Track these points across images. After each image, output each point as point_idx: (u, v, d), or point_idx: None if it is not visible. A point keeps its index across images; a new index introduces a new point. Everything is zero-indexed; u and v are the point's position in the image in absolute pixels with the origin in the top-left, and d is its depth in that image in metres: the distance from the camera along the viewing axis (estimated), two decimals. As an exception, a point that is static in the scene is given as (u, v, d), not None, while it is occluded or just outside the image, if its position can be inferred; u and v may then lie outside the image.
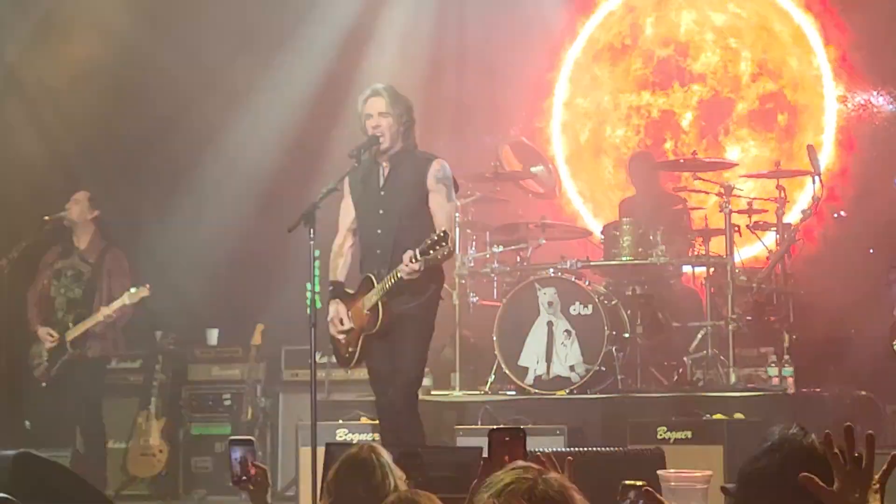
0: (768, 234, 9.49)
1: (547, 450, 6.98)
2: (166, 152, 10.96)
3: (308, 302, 6.94)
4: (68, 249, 9.33)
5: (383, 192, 7.02)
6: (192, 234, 10.91)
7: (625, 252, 9.17)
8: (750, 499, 2.83)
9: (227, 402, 10.25)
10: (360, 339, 6.94)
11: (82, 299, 9.17)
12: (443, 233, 6.49)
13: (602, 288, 9.18)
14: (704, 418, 7.89)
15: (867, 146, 10.44)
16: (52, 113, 10.69)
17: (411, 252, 6.56)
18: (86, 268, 9.23)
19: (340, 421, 8.50)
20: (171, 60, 10.77)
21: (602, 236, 9.50)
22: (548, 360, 8.79)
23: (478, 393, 9.14)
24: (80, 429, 9.34)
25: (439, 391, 9.27)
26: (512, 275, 9.53)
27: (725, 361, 8.85)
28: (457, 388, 9.26)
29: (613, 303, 8.99)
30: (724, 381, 8.78)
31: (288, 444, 9.44)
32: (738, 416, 7.92)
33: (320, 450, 6.22)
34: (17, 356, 9.60)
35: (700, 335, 9.12)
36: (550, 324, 8.84)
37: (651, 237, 9.11)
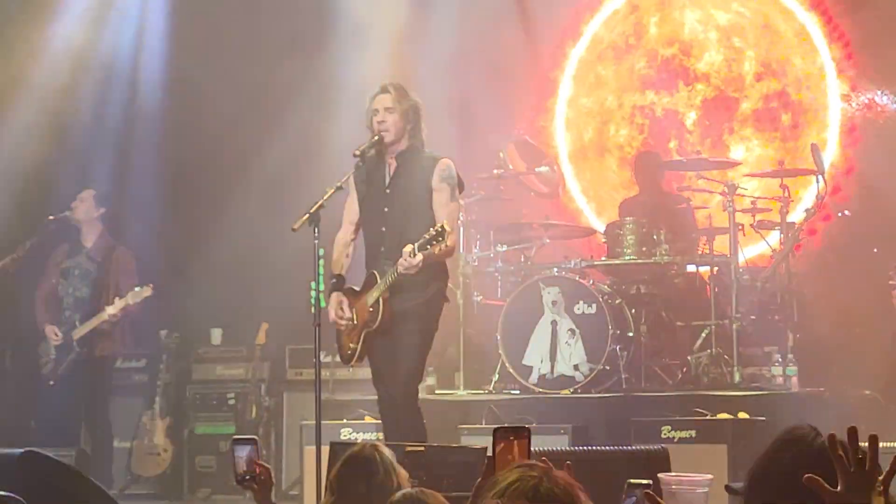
0: (772, 234, 9.48)
1: (551, 449, 7.01)
2: (172, 152, 10.96)
3: (312, 301, 6.95)
4: (76, 248, 9.34)
5: (389, 190, 7.03)
6: (196, 232, 10.91)
7: (629, 251, 9.16)
8: (759, 498, 2.83)
9: (231, 402, 10.25)
10: (362, 336, 6.94)
11: (89, 298, 9.18)
12: (440, 227, 6.51)
13: (606, 287, 9.18)
14: (708, 417, 7.89)
15: (871, 145, 10.43)
16: (58, 111, 10.69)
17: (410, 247, 6.58)
18: (92, 266, 9.24)
19: (345, 420, 8.51)
20: (181, 59, 10.78)
21: (605, 235, 9.50)
22: (552, 360, 8.80)
23: (482, 392, 9.15)
24: (88, 427, 9.35)
25: (443, 390, 9.28)
26: (516, 274, 9.53)
27: (729, 360, 8.84)
28: (461, 388, 9.27)
29: (617, 302, 8.99)
30: (729, 380, 8.78)
31: (292, 443, 9.44)
32: (743, 416, 7.92)
33: (324, 449, 6.24)
34: (24, 355, 9.61)
35: (704, 334, 9.11)
36: (554, 323, 8.84)
37: (655, 236, 9.11)
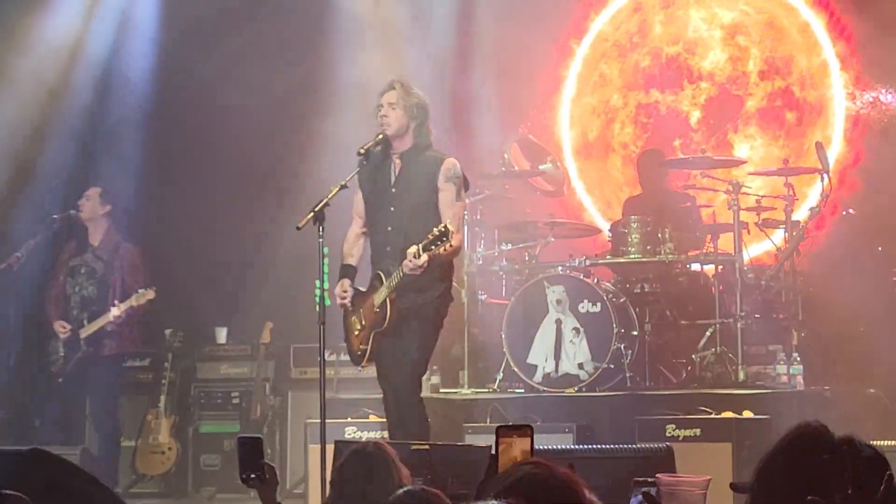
0: (777, 232, 9.48)
1: (556, 447, 7.01)
2: (176, 151, 10.96)
3: (317, 300, 6.96)
4: (83, 246, 9.35)
5: (394, 190, 7.04)
6: (201, 231, 10.92)
7: (633, 250, 9.16)
8: (766, 496, 2.83)
9: (235, 400, 10.26)
10: (371, 337, 6.96)
11: (96, 297, 9.18)
12: (444, 227, 6.52)
13: (610, 286, 9.17)
14: (713, 416, 7.89)
15: (876, 143, 10.42)
16: (64, 109, 10.70)
17: (415, 247, 6.59)
18: (98, 265, 9.24)
19: (349, 419, 8.51)
20: (190, 58, 10.79)
21: (610, 234, 9.49)
22: (556, 358, 8.79)
23: (486, 391, 9.15)
24: (96, 426, 9.36)
25: (448, 389, 9.27)
26: (520, 273, 9.53)
27: (734, 359, 8.84)
28: (465, 386, 9.27)
29: (622, 300, 8.99)
30: (733, 378, 8.77)
31: (296, 442, 9.45)
32: (747, 414, 7.92)
33: (329, 447, 6.24)
34: (29, 353, 9.62)
35: (709, 333, 9.11)
36: (559, 321, 8.84)
37: (659, 235, 9.11)
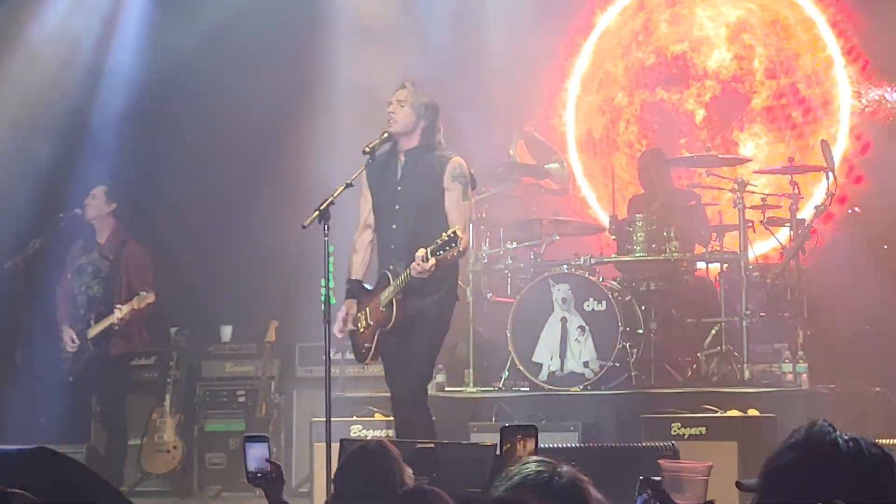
0: (782, 230, 9.46)
1: (561, 446, 7.01)
2: (180, 150, 10.97)
3: (322, 298, 6.96)
4: (90, 245, 9.37)
5: (400, 188, 7.04)
6: (206, 230, 10.93)
7: (638, 248, 9.16)
8: (773, 494, 2.82)
9: (241, 399, 10.27)
10: (376, 336, 6.96)
11: (102, 297, 9.20)
12: (453, 233, 6.51)
13: (616, 284, 9.16)
14: (718, 414, 7.88)
15: (882, 141, 10.41)
16: (69, 108, 10.71)
17: (423, 251, 6.58)
18: (104, 264, 9.25)
19: (354, 417, 8.52)
20: (190, 57, 10.80)
21: (615, 233, 9.48)
22: (562, 357, 8.79)
23: (491, 389, 9.14)
24: (104, 425, 9.37)
25: (453, 387, 9.27)
26: (525, 271, 9.52)
27: (739, 357, 8.83)
28: (470, 385, 9.27)
29: (627, 299, 8.98)
30: (738, 377, 8.77)
31: (302, 441, 9.45)
32: (753, 413, 7.91)
33: (335, 446, 6.25)
34: (34, 351, 9.63)
35: (714, 331, 9.10)
36: (564, 320, 8.83)
37: (664, 233, 9.10)
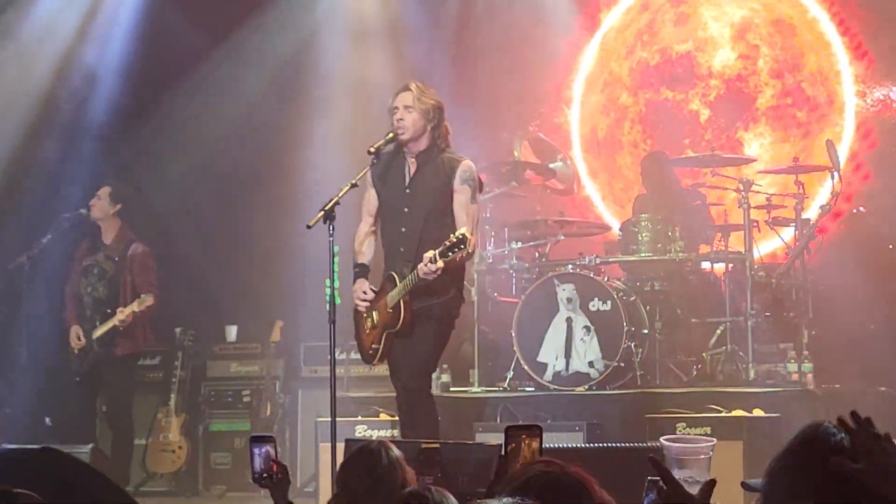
0: (787, 230, 9.46)
1: (566, 446, 7.01)
2: (184, 149, 10.97)
3: (327, 298, 6.96)
4: (96, 245, 9.37)
5: (409, 190, 7.02)
6: (210, 229, 10.93)
7: (643, 248, 9.16)
8: (776, 495, 2.82)
9: (246, 399, 10.27)
10: (383, 337, 6.95)
11: (107, 298, 9.20)
12: (461, 235, 6.50)
13: (621, 284, 9.16)
14: (723, 414, 7.88)
15: (887, 141, 10.41)
16: (74, 107, 10.72)
17: (431, 253, 6.57)
18: (109, 265, 9.26)
19: (360, 417, 8.52)
20: (201, 55, 10.80)
21: (620, 232, 9.49)
22: (566, 357, 8.79)
23: (496, 389, 9.14)
24: (109, 425, 9.38)
25: (458, 387, 9.27)
26: (530, 271, 9.52)
27: (744, 357, 8.82)
28: (475, 385, 9.27)
29: (632, 299, 8.98)
30: (744, 376, 8.76)
31: (307, 441, 9.46)
32: (758, 413, 7.91)
33: (340, 446, 6.25)
34: (39, 351, 9.63)
35: (719, 331, 9.10)
36: (569, 320, 8.83)
37: (669, 233, 9.10)
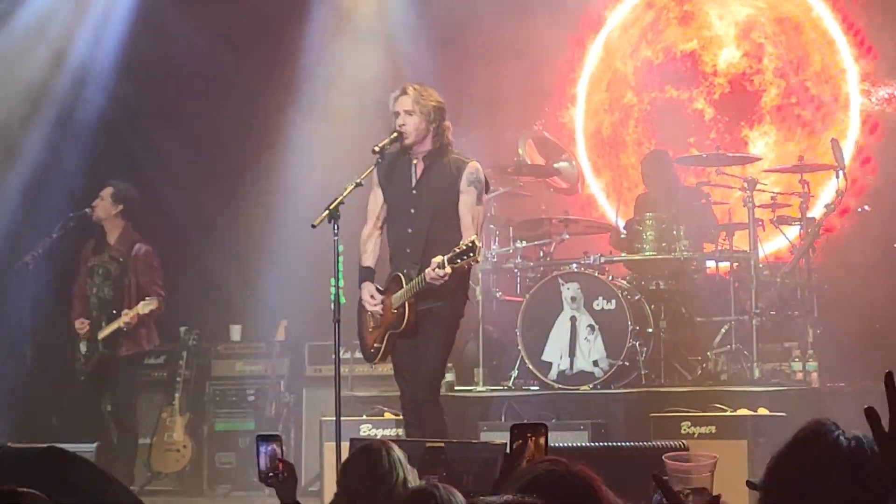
0: (792, 229, 9.45)
1: (571, 445, 7.00)
2: (187, 148, 10.96)
3: (332, 297, 6.96)
4: (100, 246, 9.37)
5: (415, 191, 7.02)
6: (214, 229, 10.93)
7: (648, 247, 9.15)
8: (776, 493, 2.83)
9: (250, 398, 10.28)
10: (386, 336, 6.96)
11: (112, 299, 9.21)
12: (472, 242, 6.49)
13: (625, 283, 9.16)
14: (728, 413, 7.87)
15: (892, 139, 10.39)
16: (81, 107, 10.72)
17: (440, 258, 6.56)
18: (114, 266, 9.26)
19: (364, 416, 8.52)
20: (211, 50, 10.80)
21: (625, 231, 9.48)
22: (571, 356, 8.78)
23: (501, 388, 9.14)
24: (115, 424, 9.39)
25: (463, 386, 9.27)
26: (535, 270, 9.52)
27: (749, 356, 8.82)
28: (480, 384, 9.26)
29: (637, 298, 8.97)
30: (748, 375, 8.76)
31: (311, 440, 9.46)
32: (763, 412, 7.90)
33: (344, 445, 6.25)
34: (44, 351, 9.64)
35: (724, 330, 9.09)
36: (574, 319, 8.82)
37: (674, 232, 9.09)
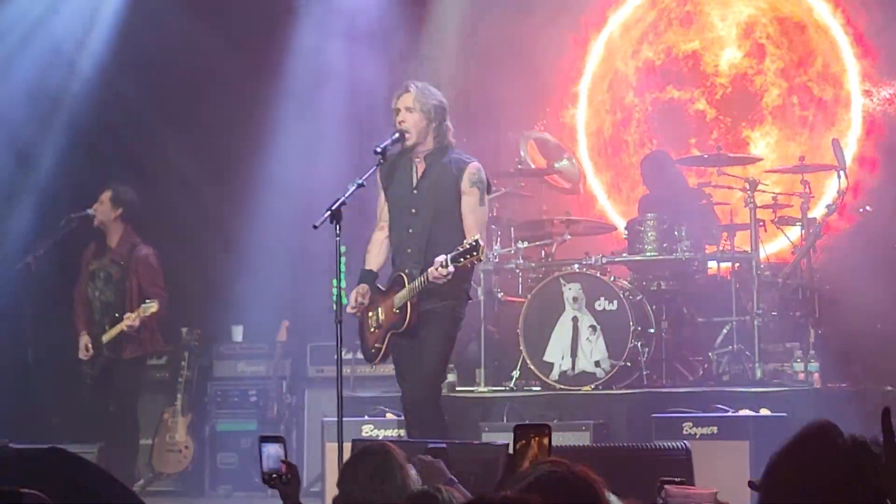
0: (793, 229, 9.45)
1: (573, 445, 6.99)
2: (189, 148, 10.97)
3: (334, 298, 6.97)
4: (101, 249, 9.37)
5: (416, 192, 7.01)
6: (216, 229, 10.93)
7: (650, 247, 9.15)
8: (776, 495, 2.83)
9: (252, 399, 10.29)
10: (387, 337, 6.95)
11: (114, 302, 9.21)
12: (475, 241, 6.49)
13: (627, 283, 9.16)
14: (730, 414, 7.87)
15: (893, 140, 10.39)
16: (81, 107, 10.73)
17: (443, 257, 6.56)
18: (115, 269, 9.26)
19: (366, 417, 8.52)
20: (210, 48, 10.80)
21: (627, 231, 9.48)
22: (573, 356, 8.78)
23: (503, 389, 9.14)
24: (116, 425, 9.38)
25: (464, 387, 9.27)
26: (537, 270, 9.52)
27: (751, 357, 8.82)
28: (482, 384, 9.27)
29: (638, 298, 8.97)
30: (750, 376, 8.76)
31: (313, 440, 9.46)
32: (764, 412, 7.90)
33: (346, 446, 6.25)
34: (46, 351, 9.64)
35: (725, 330, 9.10)
36: (575, 319, 8.83)
37: (676, 232, 9.10)
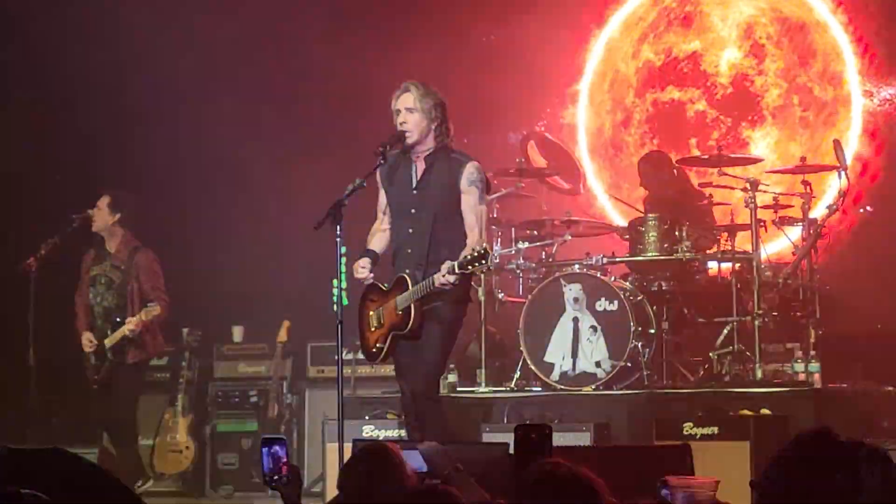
0: (794, 230, 9.45)
1: (573, 446, 6.99)
2: (189, 148, 10.96)
3: (334, 298, 6.95)
4: (101, 255, 9.38)
5: (416, 192, 7.00)
6: (217, 230, 10.93)
7: (650, 248, 9.15)
8: (771, 496, 2.84)
9: (253, 399, 10.29)
10: (389, 337, 6.95)
11: (116, 307, 9.22)
12: (483, 249, 6.47)
13: (628, 284, 9.16)
14: (731, 414, 7.87)
15: (894, 140, 10.40)
16: (83, 108, 10.74)
17: (450, 264, 6.55)
18: (116, 274, 9.26)
19: (367, 417, 8.52)
20: (209, 48, 10.79)
21: (628, 232, 9.48)
22: (573, 357, 8.79)
23: (503, 389, 9.14)
24: (117, 426, 9.39)
25: (465, 388, 9.27)
26: (537, 271, 9.52)
27: (751, 357, 8.82)
28: (482, 385, 9.26)
29: (639, 298, 8.97)
30: (751, 376, 8.75)
31: (314, 441, 9.47)
32: (765, 412, 7.90)
33: (347, 446, 6.26)
34: (47, 353, 9.64)
35: (726, 331, 9.09)
36: (576, 320, 8.83)
37: (676, 233, 9.09)
